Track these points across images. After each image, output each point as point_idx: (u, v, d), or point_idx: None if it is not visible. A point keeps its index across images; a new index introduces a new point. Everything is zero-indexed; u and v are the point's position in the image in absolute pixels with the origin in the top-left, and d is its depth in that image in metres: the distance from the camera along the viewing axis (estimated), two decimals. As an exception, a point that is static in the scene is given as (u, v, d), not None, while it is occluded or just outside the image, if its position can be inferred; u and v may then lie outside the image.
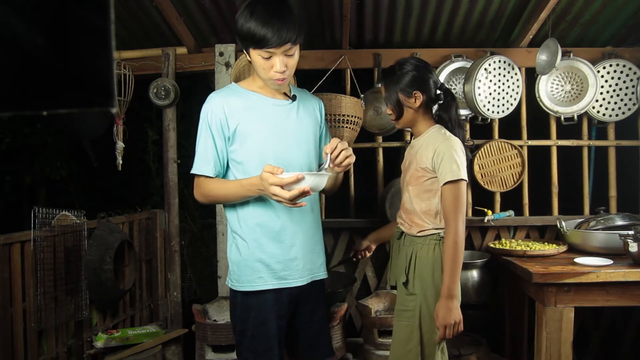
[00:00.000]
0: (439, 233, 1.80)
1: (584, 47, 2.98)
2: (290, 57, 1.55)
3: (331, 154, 1.52)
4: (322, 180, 1.47)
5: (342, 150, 1.52)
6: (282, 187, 1.42)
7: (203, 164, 1.62)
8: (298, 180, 1.40)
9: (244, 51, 1.59)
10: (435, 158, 1.76)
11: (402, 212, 1.92)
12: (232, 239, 1.67)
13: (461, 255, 1.71)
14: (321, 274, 1.74)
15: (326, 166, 1.53)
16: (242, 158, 1.61)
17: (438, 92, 1.87)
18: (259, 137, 1.60)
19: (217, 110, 1.60)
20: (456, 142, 1.78)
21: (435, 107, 1.90)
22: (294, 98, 1.69)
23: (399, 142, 3.01)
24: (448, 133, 1.82)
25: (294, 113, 1.68)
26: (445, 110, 1.87)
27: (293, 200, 1.43)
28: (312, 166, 1.71)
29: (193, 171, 1.65)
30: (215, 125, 1.60)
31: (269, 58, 1.52)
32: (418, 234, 1.82)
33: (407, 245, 1.86)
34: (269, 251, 1.61)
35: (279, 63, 1.52)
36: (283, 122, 1.65)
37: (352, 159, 1.55)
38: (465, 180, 1.74)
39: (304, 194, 1.42)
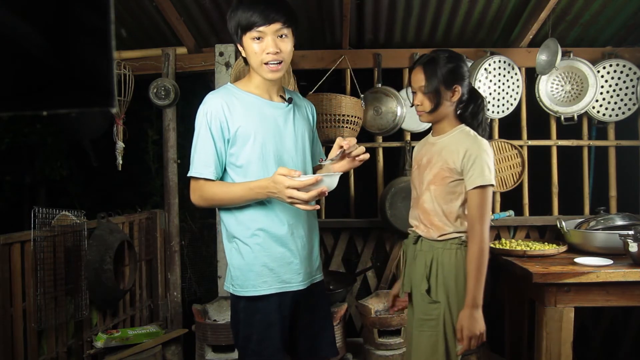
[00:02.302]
0: (460, 237, 1.72)
1: (584, 47, 2.98)
2: (283, 40, 1.55)
3: (347, 149, 1.58)
4: (335, 180, 1.50)
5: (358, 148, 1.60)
6: (298, 189, 1.43)
7: (203, 166, 1.57)
8: (317, 182, 1.44)
9: (238, 44, 1.59)
10: (466, 160, 1.67)
11: (420, 212, 1.79)
12: (233, 243, 1.64)
13: (486, 263, 1.64)
14: (319, 276, 1.76)
15: (334, 158, 1.59)
16: (242, 161, 1.59)
17: (471, 92, 1.80)
18: (260, 140, 1.59)
19: (217, 111, 1.56)
20: (487, 144, 1.71)
21: (461, 107, 1.81)
22: (289, 101, 1.69)
23: (399, 142, 3.02)
24: (478, 136, 1.73)
25: (290, 116, 1.68)
26: (475, 111, 1.79)
27: (308, 202, 1.45)
28: (308, 170, 1.72)
29: (192, 174, 1.59)
30: (215, 127, 1.56)
31: (259, 39, 1.52)
32: (438, 238, 1.73)
33: (426, 250, 1.75)
34: (274, 255, 1.60)
35: (271, 44, 1.53)
36: (282, 125, 1.65)
37: (367, 155, 1.63)
38: (493, 185, 1.69)
39: (320, 194, 1.45)
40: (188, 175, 1.61)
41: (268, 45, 1.52)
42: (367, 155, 1.62)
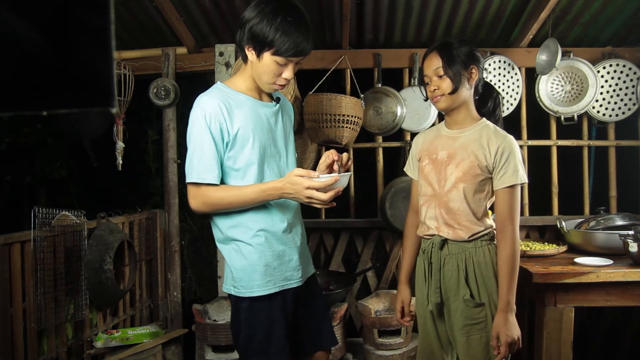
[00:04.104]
0: (488, 233, 1.67)
1: (584, 47, 2.98)
2: (298, 65, 1.58)
3: (339, 161, 1.59)
4: (346, 181, 1.53)
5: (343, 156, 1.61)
6: (317, 189, 1.44)
7: (206, 171, 1.52)
8: (335, 182, 1.46)
9: (252, 51, 1.53)
10: (499, 157, 1.61)
11: (443, 212, 1.67)
12: (232, 245, 1.62)
13: (518, 265, 1.60)
14: (311, 269, 1.79)
15: (341, 171, 1.61)
16: (240, 164, 1.57)
17: (486, 86, 1.75)
18: (257, 141, 1.58)
19: (215, 113, 1.53)
20: (515, 141, 1.66)
21: (477, 99, 1.74)
22: (277, 100, 1.70)
23: (399, 142, 3.02)
24: (505, 132, 1.67)
25: (279, 116, 1.69)
26: (493, 107, 1.75)
27: (327, 201, 1.48)
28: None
29: (194, 180, 1.52)
30: (215, 129, 1.52)
31: (283, 65, 1.52)
32: (469, 239, 1.64)
33: (456, 253, 1.66)
34: (277, 254, 1.61)
35: (291, 72, 1.55)
36: (274, 126, 1.66)
37: (351, 161, 1.66)
38: (525, 183, 1.66)
39: (336, 194, 1.48)
40: (188, 181, 1.55)
41: (287, 72, 1.55)
42: (351, 161, 1.64)
